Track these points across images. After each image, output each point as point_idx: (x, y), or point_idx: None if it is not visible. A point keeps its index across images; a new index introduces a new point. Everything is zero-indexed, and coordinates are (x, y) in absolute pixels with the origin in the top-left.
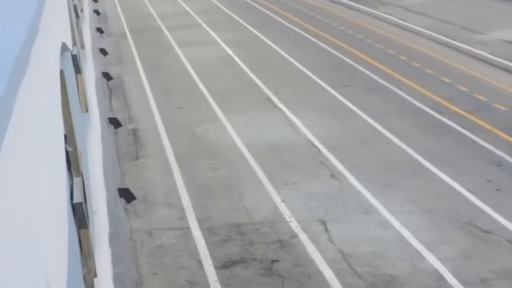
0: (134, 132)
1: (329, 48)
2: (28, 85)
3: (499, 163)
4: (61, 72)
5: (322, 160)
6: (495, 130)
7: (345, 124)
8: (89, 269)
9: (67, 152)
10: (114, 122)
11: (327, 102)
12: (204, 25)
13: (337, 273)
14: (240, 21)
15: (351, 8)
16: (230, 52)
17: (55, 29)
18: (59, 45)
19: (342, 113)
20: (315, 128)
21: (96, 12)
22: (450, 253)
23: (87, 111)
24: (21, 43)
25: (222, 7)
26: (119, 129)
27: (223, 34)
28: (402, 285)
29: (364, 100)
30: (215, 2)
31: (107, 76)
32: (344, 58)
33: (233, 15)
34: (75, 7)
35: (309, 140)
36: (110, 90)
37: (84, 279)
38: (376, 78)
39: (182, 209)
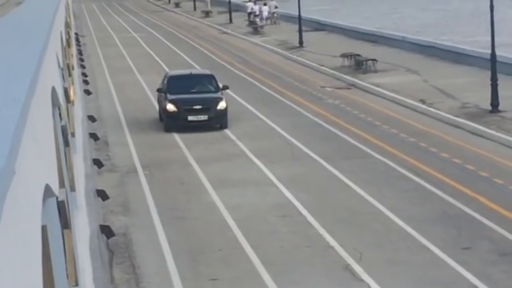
0: None
1: (444, 195)
2: None
3: None
4: (43, 229)
5: None
6: None
7: None
8: None
9: None
10: None
11: (441, 275)
12: (251, 156)
13: None
14: (305, 149)
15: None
16: (290, 197)
17: (37, 168)
18: (42, 189)
19: None
20: None
21: (94, 136)
22: None
23: (76, 285)
24: None
25: (279, 130)
26: None
27: (280, 170)
28: None
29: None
30: (268, 122)
31: (107, 231)
32: (467, 210)
33: (294, 141)
34: (63, 129)
35: None
36: (111, 252)
37: None
38: None
39: None
